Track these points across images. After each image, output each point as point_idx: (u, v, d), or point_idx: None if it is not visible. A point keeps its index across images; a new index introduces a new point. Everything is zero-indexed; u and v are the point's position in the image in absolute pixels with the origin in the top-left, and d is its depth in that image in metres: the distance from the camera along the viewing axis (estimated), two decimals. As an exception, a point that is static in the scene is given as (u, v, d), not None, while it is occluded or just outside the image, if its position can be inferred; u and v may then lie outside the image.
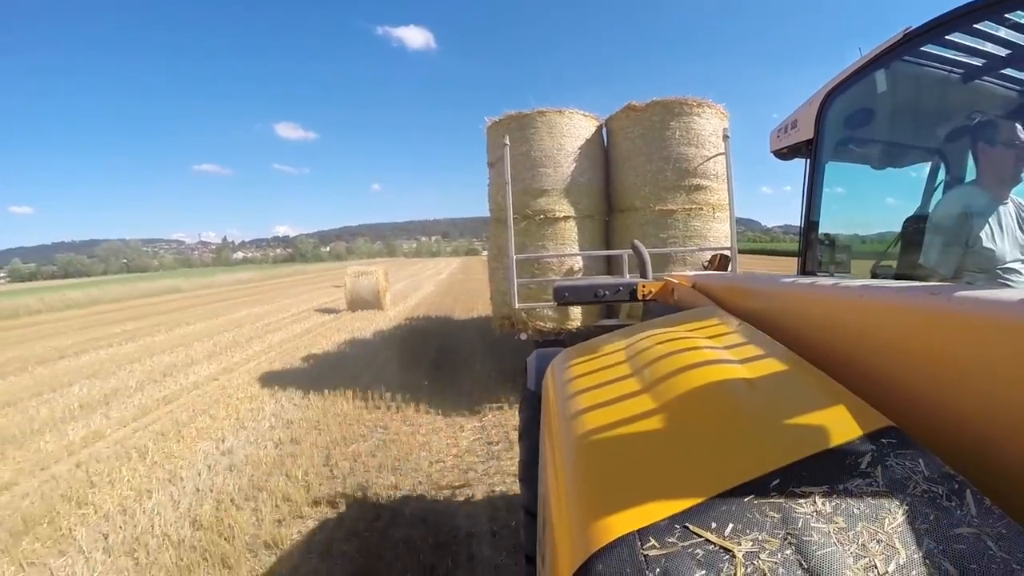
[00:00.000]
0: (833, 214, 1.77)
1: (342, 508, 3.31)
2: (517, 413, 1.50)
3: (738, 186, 4.90)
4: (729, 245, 4.81)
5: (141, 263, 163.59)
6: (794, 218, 1.88)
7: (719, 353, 0.86)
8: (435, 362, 7.26)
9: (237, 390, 6.27)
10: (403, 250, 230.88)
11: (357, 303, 13.06)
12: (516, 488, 2.81)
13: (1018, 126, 1.34)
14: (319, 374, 6.89)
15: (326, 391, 5.92)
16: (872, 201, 1.92)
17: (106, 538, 3.08)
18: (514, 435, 3.96)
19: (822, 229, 1.76)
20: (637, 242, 2.59)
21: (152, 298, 25.21)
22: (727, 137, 5.02)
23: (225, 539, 2.95)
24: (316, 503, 3.38)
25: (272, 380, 6.71)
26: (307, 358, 8.00)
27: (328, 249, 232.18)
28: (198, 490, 3.62)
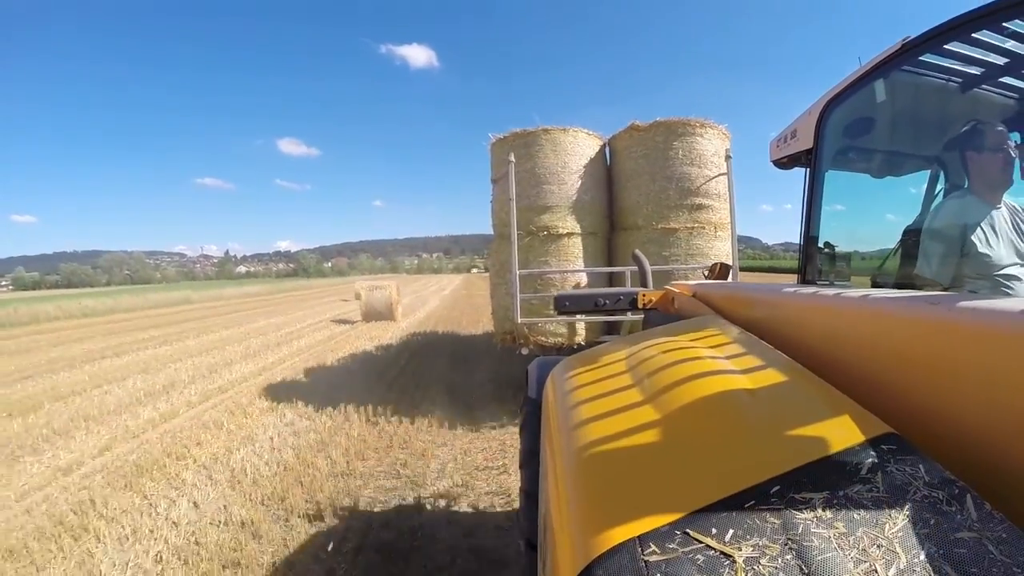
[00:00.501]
0: (833, 223, 1.77)
1: (394, 451, 4.29)
2: (518, 415, 1.60)
3: (739, 204, 5.14)
4: (730, 264, 5.05)
5: (144, 275, 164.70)
6: (795, 236, 1.87)
7: (719, 362, 0.86)
8: (449, 365, 8.06)
9: (282, 382, 7.14)
10: (405, 266, 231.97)
11: (371, 315, 13.76)
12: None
13: (1003, 129, 1.35)
14: (350, 371, 7.71)
15: (361, 383, 6.76)
16: (872, 210, 1.90)
17: (210, 477, 3.86)
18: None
19: (822, 238, 1.75)
20: (638, 251, 2.71)
21: (165, 308, 25.84)
22: (729, 157, 5.27)
23: (310, 472, 3.78)
24: (374, 450, 4.29)
25: (310, 375, 7.63)
26: (336, 360, 8.82)
27: (330, 264, 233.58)
28: (274, 448, 4.41)
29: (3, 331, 17.14)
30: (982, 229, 1.39)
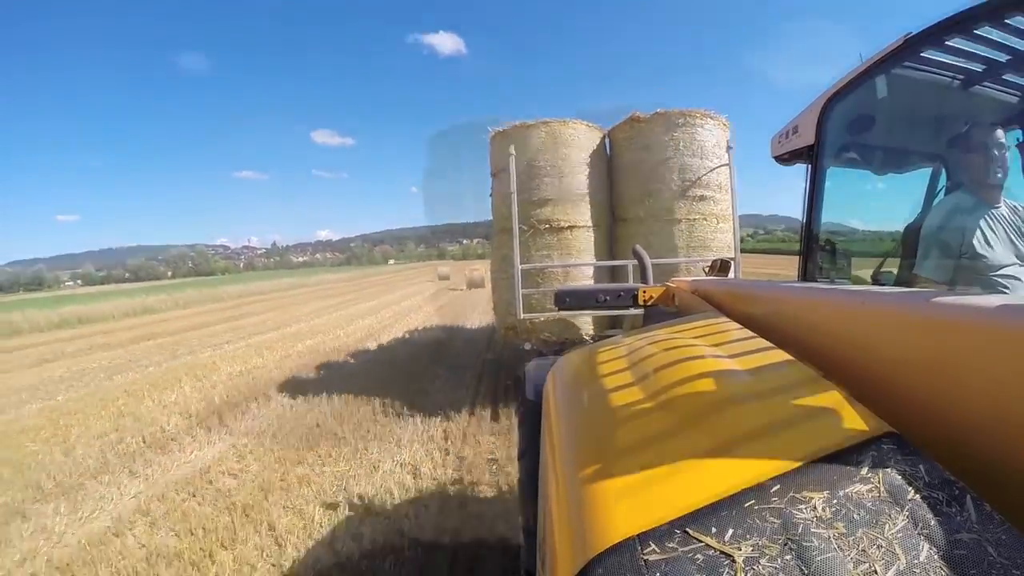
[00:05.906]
0: (834, 220, 1.78)
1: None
2: (516, 428, 1.59)
3: (776, 182, 4.79)
4: (733, 255, 5.02)
5: (206, 267, 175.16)
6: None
7: (720, 358, 0.86)
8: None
9: (464, 307, 14.24)
10: (451, 252, 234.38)
11: (472, 284, 21.63)
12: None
13: (1001, 127, 1.35)
14: (486, 309, 13.54)
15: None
16: (874, 207, 1.91)
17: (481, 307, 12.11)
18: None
19: (824, 235, 1.77)
20: (638, 247, 2.68)
21: (290, 291, 30.23)
22: (730, 148, 5.26)
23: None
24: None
25: (474, 304, 14.52)
26: (474, 304, 14.81)
27: (376, 251, 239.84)
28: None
29: (230, 302, 23.39)
30: (981, 228, 1.38)
